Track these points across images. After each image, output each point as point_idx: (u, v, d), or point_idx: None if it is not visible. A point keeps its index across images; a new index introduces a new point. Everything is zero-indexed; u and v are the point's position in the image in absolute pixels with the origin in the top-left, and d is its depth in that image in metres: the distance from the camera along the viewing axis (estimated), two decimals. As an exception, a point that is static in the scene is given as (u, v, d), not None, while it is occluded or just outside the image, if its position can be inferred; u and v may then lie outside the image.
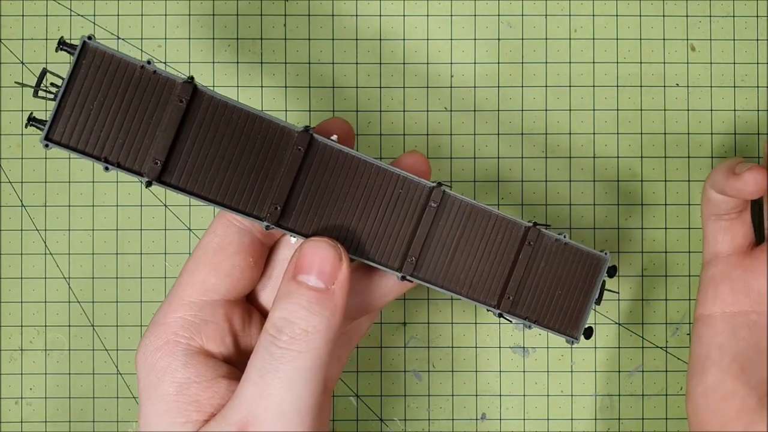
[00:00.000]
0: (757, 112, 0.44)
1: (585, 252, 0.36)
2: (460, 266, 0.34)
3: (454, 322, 0.44)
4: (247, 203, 0.32)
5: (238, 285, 0.34)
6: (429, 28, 0.44)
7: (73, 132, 0.30)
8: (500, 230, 0.35)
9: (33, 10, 0.44)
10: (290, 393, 0.31)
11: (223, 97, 0.32)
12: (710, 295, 0.40)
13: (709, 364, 0.39)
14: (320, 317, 0.32)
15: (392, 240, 0.34)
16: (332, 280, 0.32)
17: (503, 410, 0.44)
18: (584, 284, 0.36)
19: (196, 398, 0.32)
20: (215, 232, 0.34)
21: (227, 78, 0.44)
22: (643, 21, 0.44)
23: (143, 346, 0.33)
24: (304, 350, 0.31)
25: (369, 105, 0.44)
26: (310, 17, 0.44)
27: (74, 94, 0.30)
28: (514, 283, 0.35)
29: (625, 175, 0.44)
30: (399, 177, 0.34)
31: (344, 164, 0.33)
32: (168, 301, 0.34)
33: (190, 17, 0.44)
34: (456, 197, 0.34)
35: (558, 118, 0.44)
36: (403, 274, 0.34)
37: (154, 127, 0.31)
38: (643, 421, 0.44)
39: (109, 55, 0.31)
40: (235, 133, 0.32)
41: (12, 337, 0.44)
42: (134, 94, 0.31)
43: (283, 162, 0.32)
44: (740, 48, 0.44)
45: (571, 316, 0.36)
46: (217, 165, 0.32)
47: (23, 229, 0.44)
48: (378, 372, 0.44)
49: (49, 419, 0.44)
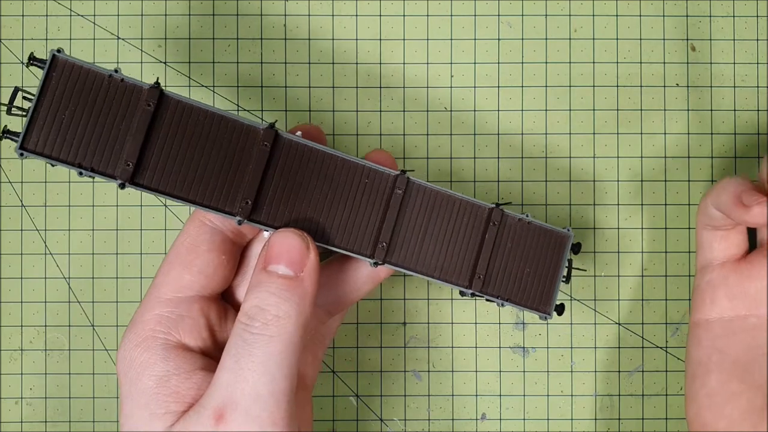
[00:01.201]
0: (757, 112, 0.44)
1: (548, 230, 0.37)
2: (430, 250, 0.36)
3: (454, 322, 0.44)
4: (219, 199, 0.33)
5: (211, 282, 0.35)
6: (429, 28, 0.44)
7: (47, 141, 0.32)
8: (465, 213, 0.36)
9: (33, 10, 0.44)
10: (264, 376, 0.32)
11: (189, 100, 0.33)
12: (707, 301, 0.40)
13: (712, 366, 0.39)
14: (290, 303, 0.33)
15: (362, 228, 0.35)
16: (301, 268, 0.33)
17: (503, 410, 0.44)
18: (551, 261, 0.37)
19: (176, 390, 0.33)
20: (188, 232, 0.35)
21: (227, 78, 0.44)
22: (643, 21, 0.44)
23: (122, 345, 0.34)
24: (275, 335, 0.32)
25: (369, 105, 0.44)
26: (310, 17, 0.44)
27: (46, 104, 0.32)
28: (482, 263, 0.36)
29: (625, 175, 0.44)
30: (364, 168, 0.35)
31: (310, 158, 0.35)
32: (144, 301, 0.35)
33: (190, 17, 0.44)
34: (420, 183, 0.36)
35: (558, 119, 0.44)
36: (375, 260, 0.35)
37: (125, 132, 0.32)
38: (643, 421, 0.44)
39: (78, 67, 0.32)
40: (203, 134, 0.33)
41: (12, 337, 0.44)
42: (104, 102, 0.32)
43: (251, 158, 0.34)
44: (740, 48, 0.44)
45: (542, 293, 0.37)
46: (187, 165, 0.33)
47: (23, 229, 0.44)
48: (378, 372, 0.44)
49: (49, 419, 0.44)
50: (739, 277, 0.39)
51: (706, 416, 0.39)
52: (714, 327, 0.39)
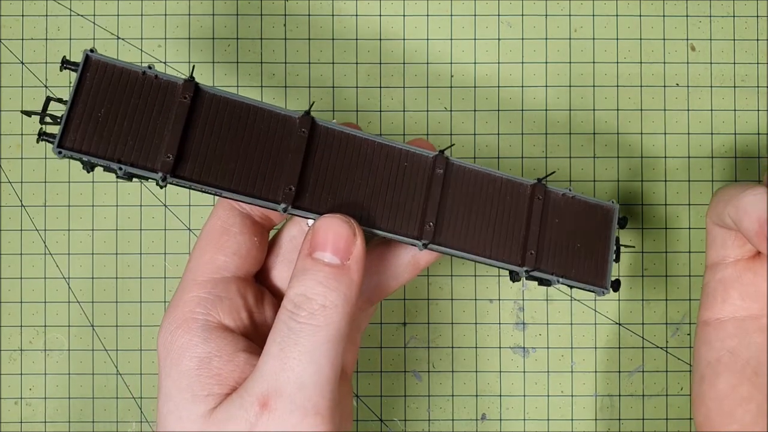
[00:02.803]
0: (758, 112, 0.44)
1: (593, 204, 0.37)
2: (477, 230, 0.35)
3: (454, 322, 0.44)
4: (262, 189, 0.33)
5: (245, 263, 0.35)
6: (429, 28, 0.44)
7: (84, 138, 0.31)
8: (508, 191, 0.36)
9: (33, 10, 0.44)
10: (310, 366, 0.32)
11: (224, 93, 0.33)
12: (719, 299, 0.38)
13: (721, 368, 0.37)
14: (337, 292, 0.32)
15: (407, 210, 0.34)
16: (347, 256, 0.33)
17: (503, 411, 0.44)
18: (600, 236, 0.36)
19: (218, 372, 0.33)
20: (218, 216, 0.35)
21: (227, 78, 0.44)
22: (643, 21, 0.44)
23: (162, 327, 0.34)
24: (322, 324, 0.32)
25: (369, 105, 0.44)
26: (310, 17, 0.44)
27: (81, 104, 0.31)
28: (532, 239, 0.35)
29: (626, 176, 0.44)
30: (402, 151, 0.35)
31: (348, 144, 0.34)
32: (181, 285, 0.35)
33: (190, 17, 0.44)
34: (460, 164, 0.35)
35: (558, 118, 0.44)
36: (424, 241, 0.34)
37: (162, 127, 0.32)
38: (644, 422, 0.44)
39: (111, 66, 0.32)
40: (240, 125, 0.33)
41: (12, 337, 0.44)
42: (139, 99, 0.32)
43: (290, 147, 0.33)
44: (740, 48, 0.44)
45: (596, 267, 0.36)
46: (227, 156, 0.33)
47: (23, 229, 0.44)
48: (378, 372, 0.44)
49: (48, 419, 0.44)
50: (754, 275, 0.38)
51: (715, 420, 0.37)
52: (726, 327, 0.38)
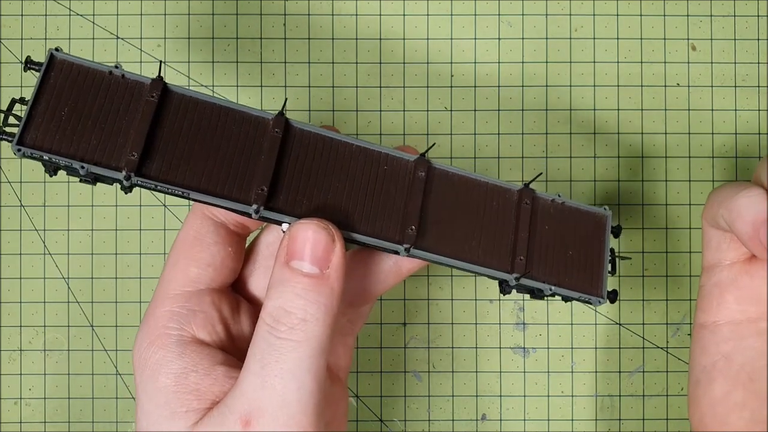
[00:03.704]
0: (758, 112, 0.44)
1: (584, 210, 0.35)
2: (463, 236, 0.33)
3: (454, 322, 0.44)
4: (233, 189, 0.31)
5: (219, 274, 0.34)
6: (429, 28, 0.44)
7: (46, 136, 0.30)
8: (494, 197, 0.34)
9: (32, 9, 0.44)
10: (292, 382, 0.31)
11: (193, 93, 0.32)
12: (714, 303, 0.37)
13: (716, 374, 0.37)
14: (317, 305, 0.31)
15: (387, 215, 0.33)
16: (326, 264, 0.31)
17: (504, 411, 0.44)
18: (593, 243, 0.35)
19: (196, 387, 0.32)
20: (190, 226, 0.34)
21: (226, 78, 0.44)
22: (644, 21, 0.44)
23: (136, 344, 0.33)
24: (303, 339, 0.31)
25: (369, 105, 0.44)
26: (310, 17, 0.44)
27: (44, 102, 0.30)
28: (521, 245, 0.33)
29: (626, 175, 0.44)
30: (382, 154, 0.33)
31: (324, 146, 0.33)
32: (154, 298, 0.34)
33: (189, 16, 0.44)
34: (443, 168, 0.34)
35: (558, 118, 0.44)
36: (405, 245, 0.32)
37: (127, 126, 0.31)
38: (644, 422, 0.44)
39: (77, 65, 0.31)
40: (211, 126, 0.32)
41: (11, 337, 0.44)
42: (105, 98, 0.31)
43: (263, 148, 0.32)
44: (741, 48, 0.44)
45: (590, 276, 0.34)
46: (196, 156, 0.31)
47: (22, 229, 0.44)
48: (378, 372, 0.44)
49: (48, 420, 0.44)
50: (750, 278, 0.37)
51: (709, 424, 0.37)
52: (721, 330, 0.37)
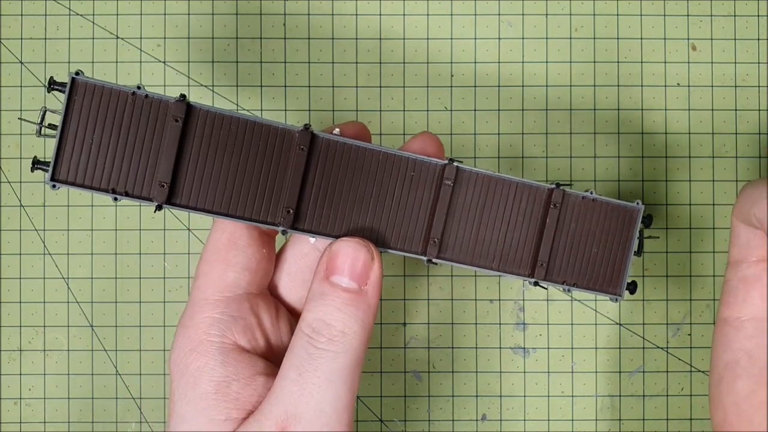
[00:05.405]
0: (758, 112, 0.44)
1: (616, 205, 0.35)
2: (486, 240, 0.34)
3: (454, 322, 0.44)
4: (260, 211, 0.32)
5: (256, 277, 0.35)
6: (429, 28, 0.44)
7: (78, 168, 0.31)
8: (522, 197, 0.34)
9: (32, 9, 0.44)
10: (329, 392, 0.32)
11: (218, 110, 0.32)
12: (740, 298, 0.37)
13: (739, 371, 0.37)
14: (355, 318, 0.32)
15: (412, 225, 0.34)
16: (365, 281, 0.33)
17: (504, 411, 0.44)
18: (620, 238, 0.35)
19: (237, 396, 0.33)
20: (223, 229, 0.34)
21: (226, 78, 0.44)
22: (644, 20, 0.44)
23: (175, 349, 0.33)
24: (341, 351, 0.32)
25: (369, 104, 0.44)
26: (310, 16, 0.44)
27: (72, 130, 0.31)
28: (545, 248, 0.34)
29: (626, 175, 0.44)
30: (409, 160, 0.34)
31: (350, 156, 0.33)
32: (191, 305, 0.34)
33: (189, 16, 0.44)
34: (471, 171, 0.34)
35: (558, 118, 0.44)
36: (428, 257, 0.34)
37: (156, 150, 0.31)
38: (644, 422, 0.44)
39: (99, 87, 0.31)
40: (236, 143, 0.32)
41: (11, 337, 0.44)
42: (130, 122, 0.31)
43: (289, 164, 0.32)
44: (741, 48, 0.44)
45: (612, 272, 0.35)
46: (223, 178, 0.32)
47: (22, 229, 0.44)
48: (378, 373, 0.44)
49: (48, 420, 0.44)
50: None
51: (733, 423, 0.36)
52: (744, 326, 0.37)
